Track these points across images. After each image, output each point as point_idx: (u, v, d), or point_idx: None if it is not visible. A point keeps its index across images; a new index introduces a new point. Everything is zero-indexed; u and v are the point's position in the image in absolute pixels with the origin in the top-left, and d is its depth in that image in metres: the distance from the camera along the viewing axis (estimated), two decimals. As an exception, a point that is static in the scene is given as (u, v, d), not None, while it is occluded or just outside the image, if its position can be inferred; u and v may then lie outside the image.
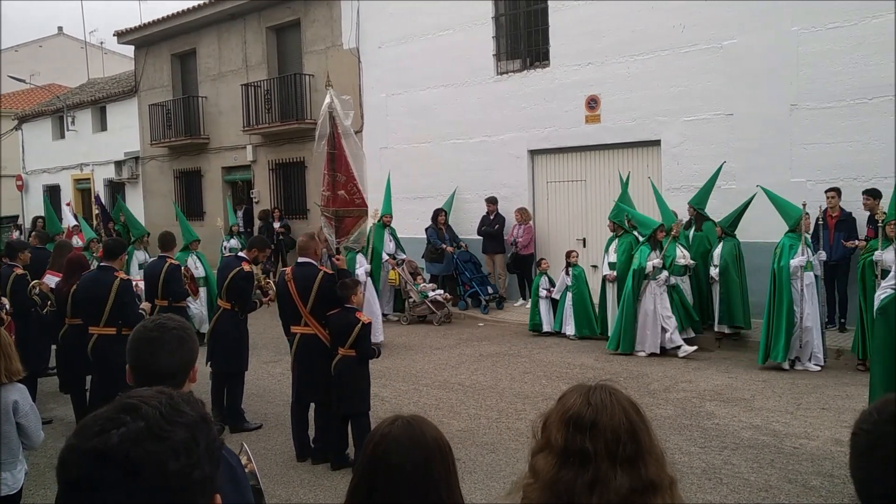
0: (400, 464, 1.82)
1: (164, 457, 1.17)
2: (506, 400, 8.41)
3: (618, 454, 1.68)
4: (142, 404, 1.22)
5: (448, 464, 1.89)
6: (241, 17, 20.38)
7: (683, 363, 9.83)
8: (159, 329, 2.44)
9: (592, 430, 1.70)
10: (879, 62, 10.53)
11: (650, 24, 12.66)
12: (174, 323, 2.48)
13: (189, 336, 2.48)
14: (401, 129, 16.43)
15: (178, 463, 1.18)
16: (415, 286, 13.62)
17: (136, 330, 2.50)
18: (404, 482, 1.81)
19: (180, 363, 2.42)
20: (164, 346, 2.40)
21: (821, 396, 8.08)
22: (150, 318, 2.57)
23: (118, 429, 1.17)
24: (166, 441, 1.19)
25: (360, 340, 6.37)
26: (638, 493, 1.66)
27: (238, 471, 2.23)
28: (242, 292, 7.73)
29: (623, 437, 1.69)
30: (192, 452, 1.21)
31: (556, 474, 1.69)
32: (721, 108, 12.04)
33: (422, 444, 1.86)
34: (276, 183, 20.06)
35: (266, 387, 9.31)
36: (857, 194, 10.46)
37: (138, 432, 1.18)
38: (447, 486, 1.86)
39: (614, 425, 1.70)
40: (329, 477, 6.35)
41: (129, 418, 1.19)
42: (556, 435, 1.73)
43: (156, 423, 1.20)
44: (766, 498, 5.57)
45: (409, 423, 1.90)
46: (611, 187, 13.07)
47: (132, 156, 24.35)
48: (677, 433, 7.04)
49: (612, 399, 1.76)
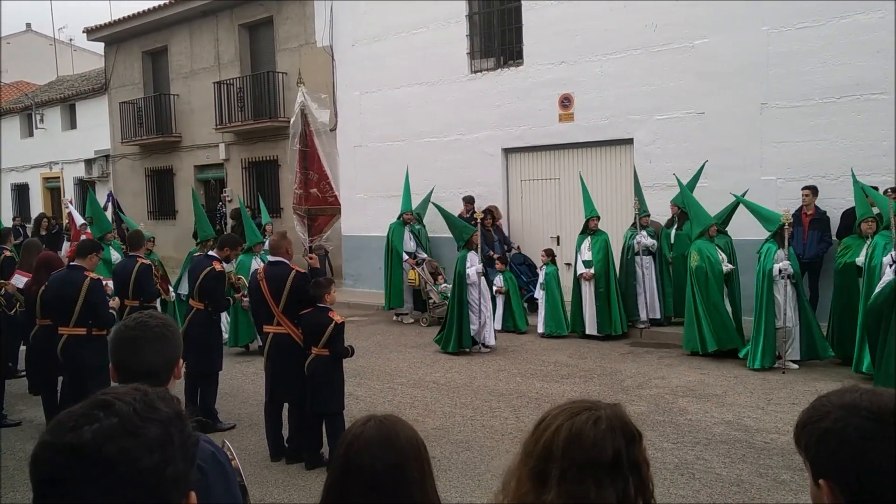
0: (371, 465, 1.80)
1: (138, 453, 1.17)
2: (480, 398, 8.42)
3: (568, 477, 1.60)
4: (116, 401, 1.22)
5: (422, 464, 1.87)
6: (213, 14, 20.23)
7: (656, 359, 9.91)
8: (141, 327, 2.41)
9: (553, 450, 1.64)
10: (847, 62, 10.68)
11: (623, 24, 12.74)
12: (156, 321, 2.45)
13: (171, 333, 2.45)
14: (375, 128, 16.37)
15: (152, 459, 1.18)
16: (435, 286, 13.23)
17: (117, 329, 2.48)
18: (376, 483, 1.80)
19: (164, 361, 2.40)
20: (147, 345, 2.37)
21: (791, 392, 8.18)
22: (132, 316, 2.54)
23: (91, 425, 1.17)
24: (140, 437, 1.18)
25: (334, 340, 6.34)
26: None
27: (227, 467, 2.22)
28: (213, 291, 7.69)
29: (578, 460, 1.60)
30: (166, 449, 1.20)
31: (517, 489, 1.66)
32: (693, 107, 12.15)
33: (394, 444, 1.84)
34: (249, 181, 19.92)
35: (239, 386, 9.24)
36: (827, 192, 10.61)
37: (112, 428, 1.17)
38: (421, 487, 1.85)
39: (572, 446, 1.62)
40: (303, 477, 6.32)
41: (102, 414, 1.19)
42: (528, 447, 1.70)
43: (129, 420, 1.19)
44: (737, 492, 5.63)
45: (383, 423, 1.89)
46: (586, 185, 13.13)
47: (102, 154, 24.08)
48: (650, 429, 7.09)
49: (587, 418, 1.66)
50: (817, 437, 1.40)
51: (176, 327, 2.53)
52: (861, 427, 1.34)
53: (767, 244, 9.36)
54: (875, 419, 1.34)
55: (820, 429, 1.39)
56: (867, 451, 1.33)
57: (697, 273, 9.81)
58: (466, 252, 10.78)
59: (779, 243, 9.24)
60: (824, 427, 1.39)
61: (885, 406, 1.36)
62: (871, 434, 1.33)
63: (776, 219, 9.30)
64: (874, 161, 10.45)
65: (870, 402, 1.37)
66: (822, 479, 1.39)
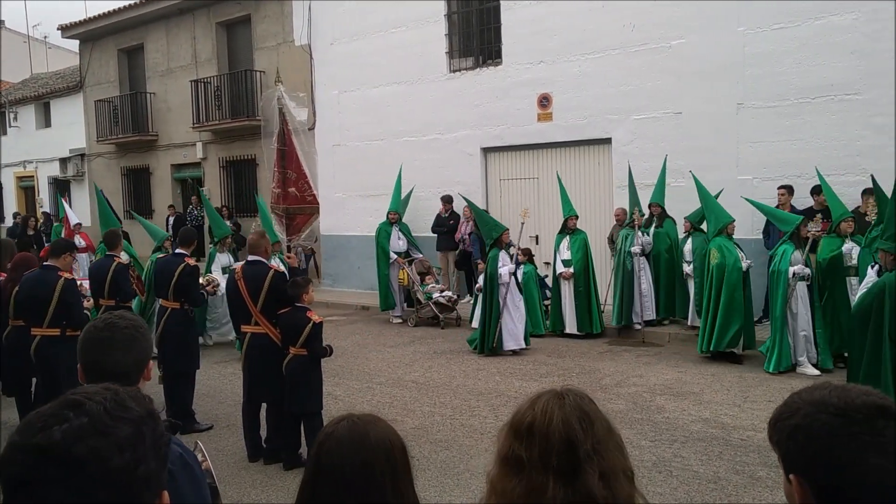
0: (339, 464, 1.79)
1: (108, 453, 1.16)
2: (460, 397, 8.42)
3: (551, 463, 1.61)
4: (86, 400, 1.21)
5: (394, 464, 1.85)
6: (190, 12, 20.07)
7: (634, 358, 9.96)
8: (110, 328, 2.39)
9: (528, 437, 1.65)
10: (822, 63, 10.80)
11: (601, 24, 12.80)
12: (125, 322, 2.43)
13: (141, 334, 2.43)
14: (353, 127, 16.32)
15: (123, 459, 1.17)
16: (422, 286, 12.98)
17: (86, 329, 2.45)
18: (346, 482, 1.79)
19: (133, 362, 2.38)
20: (116, 346, 2.36)
21: (767, 389, 8.25)
22: (101, 316, 2.51)
23: (61, 425, 1.17)
24: (110, 437, 1.18)
25: (312, 339, 6.31)
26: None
27: (196, 469, 2.20)
28: (189, 287, 7.65)
29: (557, 447, 1.62)
30: (137, 448, 1.20)
31: (500, 482, 1.66)
32: (670, 107, 12.24)
33: (363, 444, 1.82)
34: (226, 180, 19.79)
35: (217, 387, 9.18)
36: (803, 191, 10.72)
37: (81, 428, 1.17)
38: (393, 488, 1.82)
39: (548, 434, 1.64)
40: (281, 477, 6.28)
41: (72, 414, 1.18)
42: (503, 442, 1.71)
43: (99, 419, 1.19)
44: (714, 489, 5.67)
45: (355, 422, 1.87)
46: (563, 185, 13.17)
47: (78, 153, 23.80)
48: (628, 427, 7.12)
49: (554, 406, 1.69)
50: (787, 433, 1.42)
51: (146, 328, 2.51)
52: (828, 423, 1.36)
53: (784, 245, 9.09)
54: (842, 415, 1.36)
55: (790, 425, 1.42)
56: (834, 447, 1.35)
57: (717, 271, 9.52)
58: (497, 251, 10.53)
59: (795, 244, 9.02)
60: (794, 423, 1.41)
61: (853, 402, 1.38)
62: (838, 430, 1.35)
63: (792, 220, 9.18)
64: (848, 161, 10.58)
65: (838, 398, 1.39)
66: (792, 475, 1.41)
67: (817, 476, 1.37)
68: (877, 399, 1.39)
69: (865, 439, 1.33)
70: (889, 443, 1.33)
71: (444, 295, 12.67)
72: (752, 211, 10.49)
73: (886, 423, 1.35)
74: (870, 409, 1.37)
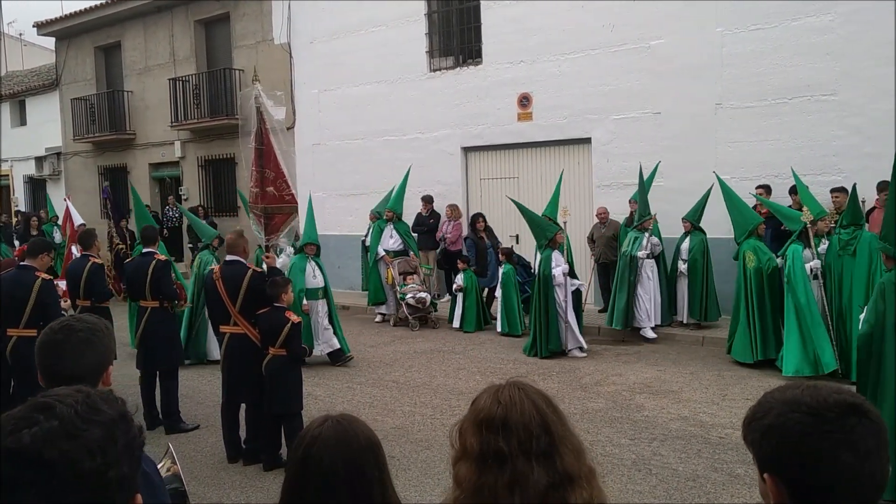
0: (332, 464, 1.80)
1: (78, 455, 1.16)
2: (440, 396, 8.42)
3: (532, 449, 1.66)
4: (57, 403, 1.21)
5: (380, 462, 1.88)
6: (168, 9, 19.92)
7: (614, 357, 10.00)
8: (65, 331, 2.34)
9: (504, 429, 1.68)
10: (798, 63, 10.90)
11: (580, 24, 12.85)
12: (82, 324, 2.38)
13: (98, 338, 2.37)
14: (333, 126, 16.27)
15: (94, 462, 1.17)
16: (401, 286, 12.67)
17: (43, 332, 2.40)
18: (337, 483, 1.80)
19: (88, 366, 2.32)
20: (70, 350, 2.31)
21: (745, 387, 8.32)
22: (61, 319, 2.45)
23: (30, 428, 1.16)
24: (80, 440, 1.17)
25: (291, 340, 6.29)
26: (555, 487, 1.65)
27: (154, 477, 2.17)
28: (161, 282, 7.63)
29: (535, 431, 1.68)
30: (107, 451, 1.19)
31: (477, 480, 1.67)
32: (649, 107, 12.30)
33: (354, 443, 1.84)
34: (205, 180, 19.66)
35: (196, 387, 9.11)
36: (780, 191, 10.81)
37: (51, 431, 1.16)
38: (381, 485, 1.86)
39: (525, 420, 1.69)
40: (261, 478, 6.25)
41: (42, 417, 1.18)
42: (472, 440, 1.72)
43: (70, 422, 1.18)
44: (693, 487, 5.71)
45: (340, 423, 1.88)
46: (543, 184, 13.23)
47: (54, 152, 23.54)
48: (608, 426, 7.16)
49: (521, 395, 1.75)
50: (761, 432, 1.43)
51: (106, 332, 2.43)
52: (801, 422, 1.37)
53: (793, 245, 8.85)
54: (814, 414, 1.37)
55: (764, 425, 1.43)
56: (807, 445, 1.36)
57: (756, 275, 9.11)
58: (550, 252, 10.17)
59: (804, 243, 8.83)
60: (767, 423, 1.42)
61: (825, 401, 1.39)
62: (810, 429, 1.36)
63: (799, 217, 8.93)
64: (825, 161, 10.69)
65: (810, 397, 1.41)
66: (767, 474, 1.42)
67: (791, 474, 1.38)
68: (848, 397, 1.41)
69: (838, 437, 1.35)
70: (861, 440, 1.35)
71: (417, 297, 12.49)
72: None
73: (858, 421, 1.36)
74: (841, 407, 1.38)
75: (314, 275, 10.22)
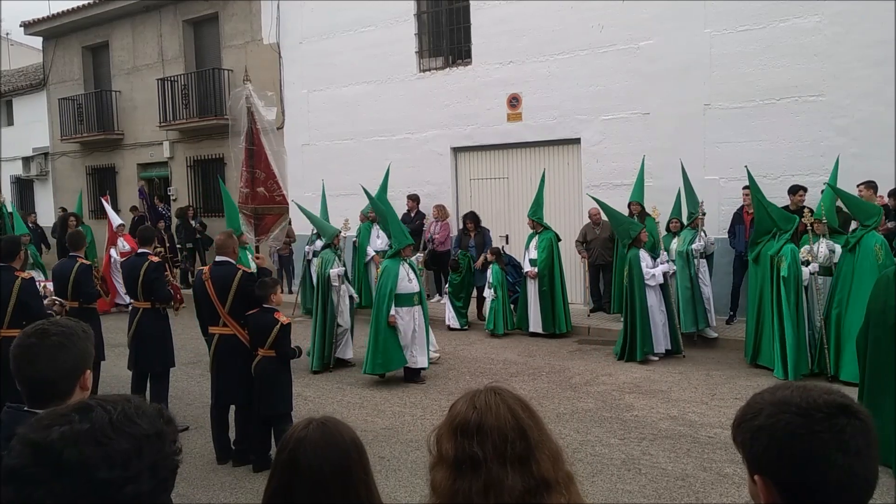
0: (319, 466, 1.81)
1: (98, 463, 1.15)
2: (430, 396, 8.42)
3: (507, 454, 1.65)
4: (97, 406, 1.22)
5: (365, 464, 1.89)
6: (157, 9, 19.82)
7: (603, 357, 10.02)
8: (38, 335, 2.30)
9: (479, 434, 1.68)
10: (786, 64, 10.96)
11: (570, 24, 12.87)
12: (56, 328, 2.34)
13: (72, 342, 2.32)
14: (323, 126, 16.24)
15: (111, 473, 1.15)
16: None
17: (18, 336, 2.36)
18: (323, 485, 1.80)
19: (62, 370, 2.28)
20: (43, 354, 2.27)
21: (734, 387, 8.35)
22: (37, 322, 2.41)
23: (62, 426, 1.17)
24: (105, 448, 1.16)
25: (280, 341, 6.28)
26: (531, 493, 1.64)
27: None
28: (155, 283, 7.59)
29: (511, 436, 1.67)
30: (129, 465, 1.18)
31: (452, 485, 1.67)
32: (638, 108, 12.33)
33: (339, 445, 1.85)
34: (194, 180, 19.58)
35: (185, 388, 9.08)
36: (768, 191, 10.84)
37: (79, 433, 1.17)
38: (366, 486, 1.87)
39: (500, 425, 1.68)
40: (250, 479, 6.23)
41: (77, 418, 1.19)
42: (447, 445, 1.71)
43: (100, 428, 1.18)
44: (682, 486, 5.73)
45: (324, 424, 1.89)
46: (533, 185, 13.19)
47: (41, 152, 23.40)
48: (598, 425, 7.18)
49: (497, 399, 1.74)
50: (751, 434, 1.43)
51: (83, 335, 2.37)
52: (791, 423, 1.38)
53: (790, 245, 8.72)
54: (804, 415, 1.38)
55: (754, 426, 1.43)
56: (797, 446, 1.36)
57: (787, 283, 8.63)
58: (637, 251, 9.76)
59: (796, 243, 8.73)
60: (757, 424, 1.43)
61: (814, 401, 1.40)
62: (800, 429, 1.37)
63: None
64: (812, 161, 10.75)
65: (800, 397, 1.41)
66: (756, 475, 1.42)
67: (781, 475, 1.39)
68: (837, 398, 1.41)
69: (827, 437, 1.35)
70: (850, 440, 1.36)
71: None
72: (718, 210, 10.62)
73: (847, 421, 1.37)
74: (831, 407, 1.39)
75: (409, 278, 9.18)
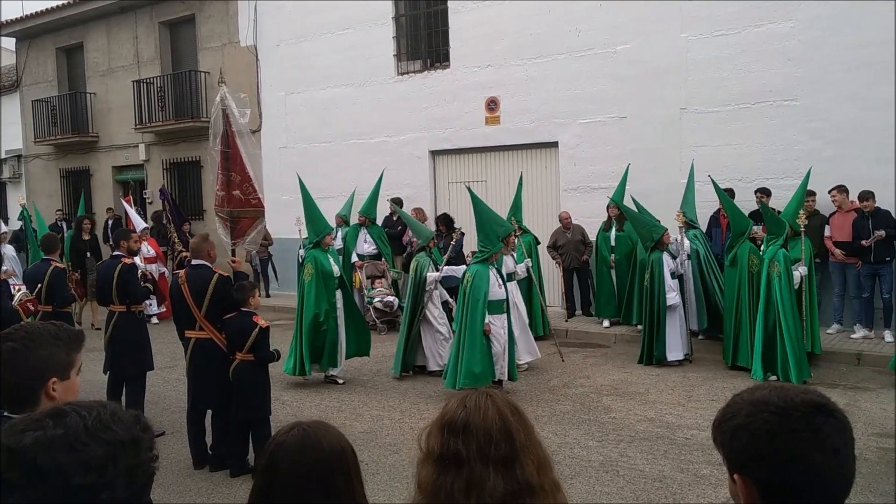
0: (295, 472, 1.80)
1: (73, 469, 1.14)
2: (409, 400, 8.40)
3: (490, 455, 1.68)
4: (72, 412, 1.21)
5: (348, 471, 1.87)
6: (132, 10, 19.65)
7: (582, 359, 10.06)
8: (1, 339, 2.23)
9: (465, 433, 1.71)
10: (761, 69, 11.08)
11: (548, 28, 12.93)
12: (18, 333, 2.25)
13: (29, 350, 2.21)
14: (300, 129, 16.19)
15: (86, 479, 1.14)
16: (368, 290, 12.61)
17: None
18: (302, 491, 1.80)
19: (19, 380, 2.19)
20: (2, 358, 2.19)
21: (710, 389, 8.41)
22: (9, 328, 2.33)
23: (35, 431, 1.16)
24: (79, 453, 1.15)
25: (258, 344, 6.23)
26: (513, 496, 1.66)
27: None
28: (128, 285, 7.52)
29: (496, 437, 1.70)
30: (105, 471, 1.16)
31: (435, 482, 1.69)
32: (615, 111, 12.40)
33: (317, 452, 1.83)
34: (170, 183, 19.42)
35: (161, 393, 8.99)
36: (743, 195, 10.96)
37: (53, 439, 1.16)
38: (348, 493, 1.85)
39: (487, 426, 1.71)
40: (228, 484, 6.18)
41: (51, 423, 1.18)
42: (434, 441, 1.75)
43: (75, 434, 1.17)
44: (660, 488, 5.75)
45: (307, 430, 1.88)
46: (511, 188, 13.20)
47: (14, 154, 23.11)
48: (576, 428, 7.20)
49: (487, 401, 1.77)
50: (731, 433, 1.45)
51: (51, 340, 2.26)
52: (769, 422, 1.39)
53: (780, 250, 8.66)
54: (782, 414, 1.39)
55: (733, 426, 1.45)
56: (775, 445, 1.38)
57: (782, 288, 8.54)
58: (660, 253, 9.52)
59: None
60: (736, 423, 1.44)
61: (792, 400, 1.41)
62: (778, 428, 1.38)
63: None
64: (787, 165, 10.87)
65: (778, 397, 1.43)
66: (736, 474, 1.43)
67: (761, 474, 1.40)
68: (814, 397, 1.43)
69: (805, 436, 1.37)
70: (828, 438, 1.37)
71: (384, 301, 12.44)
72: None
73: (825, 420, 1.39)
74: (808, 406, 1.40)
75: (498, 284, 8.49)
